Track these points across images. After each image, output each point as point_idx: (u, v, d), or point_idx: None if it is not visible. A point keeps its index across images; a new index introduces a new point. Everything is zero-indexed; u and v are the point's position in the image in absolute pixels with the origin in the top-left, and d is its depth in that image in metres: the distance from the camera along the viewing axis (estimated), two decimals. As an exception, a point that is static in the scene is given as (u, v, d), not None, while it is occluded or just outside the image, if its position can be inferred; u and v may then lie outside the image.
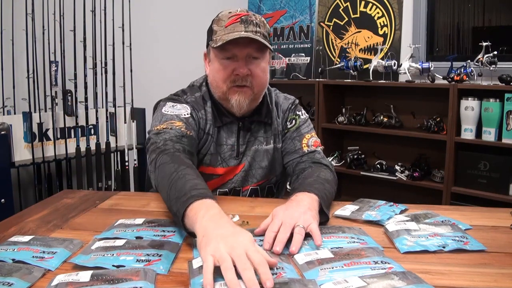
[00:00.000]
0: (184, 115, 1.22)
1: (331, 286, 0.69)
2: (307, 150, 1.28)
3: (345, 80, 2.91)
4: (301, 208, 0.94)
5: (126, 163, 2.74)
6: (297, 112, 1.36)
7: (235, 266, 0.68)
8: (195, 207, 0.85)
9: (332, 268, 0.74)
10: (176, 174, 0.96)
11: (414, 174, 2.60)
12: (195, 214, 0.83)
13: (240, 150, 1.29)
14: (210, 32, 1.22)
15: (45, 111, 2.48)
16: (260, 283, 0.66)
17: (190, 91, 1.31)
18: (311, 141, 1.30)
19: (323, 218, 0.98)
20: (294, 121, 1.34)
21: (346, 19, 3.04)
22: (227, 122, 1.27)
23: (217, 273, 0.69)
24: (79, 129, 2.59)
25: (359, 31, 2.99)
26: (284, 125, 1.35)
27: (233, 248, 0.70)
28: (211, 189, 1.17)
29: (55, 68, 2.49)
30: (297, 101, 1.40)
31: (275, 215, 0.91)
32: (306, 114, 1.38)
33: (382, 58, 2.78)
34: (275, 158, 1.32)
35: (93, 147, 2.63)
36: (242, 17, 1.16)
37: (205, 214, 0.82)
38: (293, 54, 3.29)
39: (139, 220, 0.99)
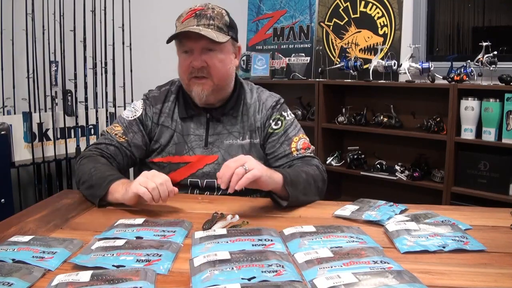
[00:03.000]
0: (129, 117, 1.34)
1: (323, 280, 0.69)
2: (297, 154, 1.30)
3: (345, 80, 2.91)
4: (254, 159, 1.05)
5: (126, 163, 2.73)
6: (283, 113, 1.36)
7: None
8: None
9: (331, 267, 0.74)
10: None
11: (414, 174, 2.60)
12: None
13: (209, 140, 1.32)
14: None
15: (45, 111, 2.48)
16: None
17: (160, 87, 1.41)
18: (299, 144, 1.32)
19: (285, 202, 1.08)
20: (280, 122, 1.34)
21: (346, 19, 3.04)
22: (194, 114, 1.34)
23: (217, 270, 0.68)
24: (79, 129, 2.59)
25: (359, 31, 2.99)
26: (267, 123, 1.34)
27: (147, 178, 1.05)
28: (180, 177, 1.31)
29: (55, 68, 2.49)
30: (282, 100, 1.40)
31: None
32: (292, 115, 1.38)
33: (382, 58, 2.77)
34: (251, 153, 1.31)
35: (93, 147, 2.63)
36: (197, 12, 1.23)
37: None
38: (293, 54, 3.29)
39: (139, 220, 0.99)
